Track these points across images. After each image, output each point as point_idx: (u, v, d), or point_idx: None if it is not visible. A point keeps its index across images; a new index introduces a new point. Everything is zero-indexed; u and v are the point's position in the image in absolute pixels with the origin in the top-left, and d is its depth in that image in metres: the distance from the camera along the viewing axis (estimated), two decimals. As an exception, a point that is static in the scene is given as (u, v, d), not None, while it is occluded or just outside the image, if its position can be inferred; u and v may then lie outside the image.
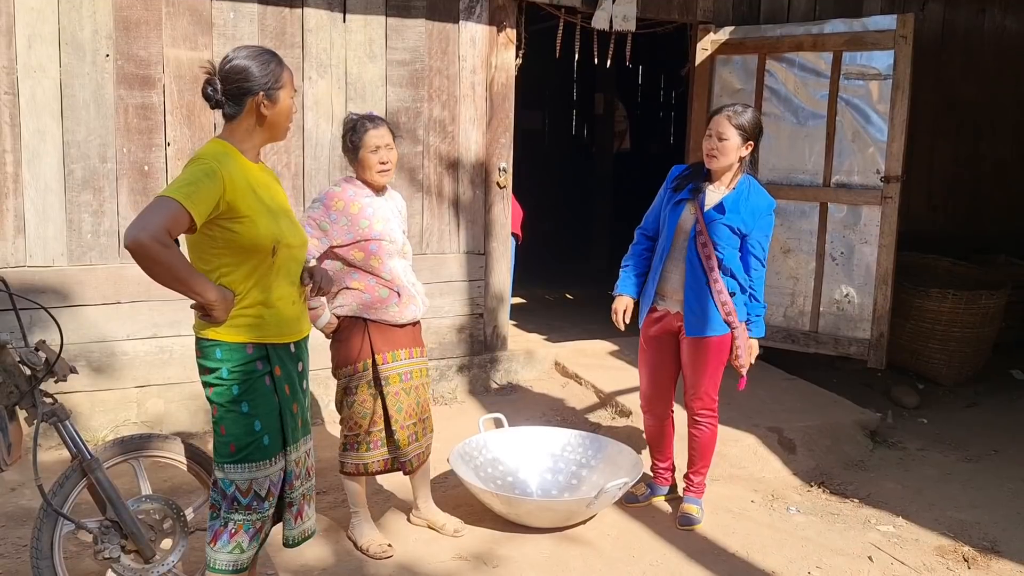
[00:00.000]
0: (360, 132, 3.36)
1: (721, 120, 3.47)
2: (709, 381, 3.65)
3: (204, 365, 2.51)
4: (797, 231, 5.59)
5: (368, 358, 3.39)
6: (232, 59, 2.45)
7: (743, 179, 3.57)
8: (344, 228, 3.30)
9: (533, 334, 6.62)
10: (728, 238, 3.50)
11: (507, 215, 5.41)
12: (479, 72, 5.21)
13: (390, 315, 3.39)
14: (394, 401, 3.41)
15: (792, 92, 5.56)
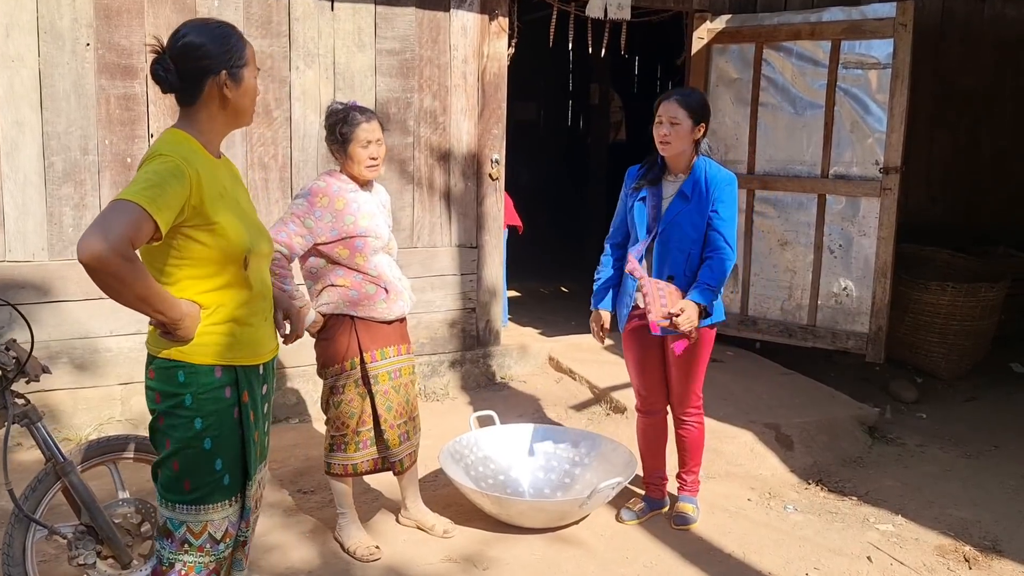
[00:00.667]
0: (352, 125, 3.25)
1: (671, 104, 3.35)
2: (691, 379, 3.55)
3: (160, 391, 2.11)
4: (795, 223, 5.50)
5: (356, 356, 3.30)
6: (185, 34, 2.09)
7: (698, 162, 3.43)
8: (328, 225, 3.20)
9: (527, 328, 6.53)
10: (695, 225, 3.37)
11: (500, 208, 5.31)
12: (471, 62, 5.11)
13: (378, 311, 3.30)
14: (384, 400, 3.32)
15: (790, 81, 5.46)
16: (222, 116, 2.16)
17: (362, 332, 3.30)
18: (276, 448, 4.40)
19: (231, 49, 2.12)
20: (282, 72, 4.62)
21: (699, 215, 3.36)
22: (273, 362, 2.32)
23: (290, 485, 4.02)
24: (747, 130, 5.60)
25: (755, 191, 5.60)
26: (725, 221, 3.36)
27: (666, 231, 3.39)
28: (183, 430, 2.09)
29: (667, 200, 3.43)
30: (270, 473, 4.14)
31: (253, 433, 2.20)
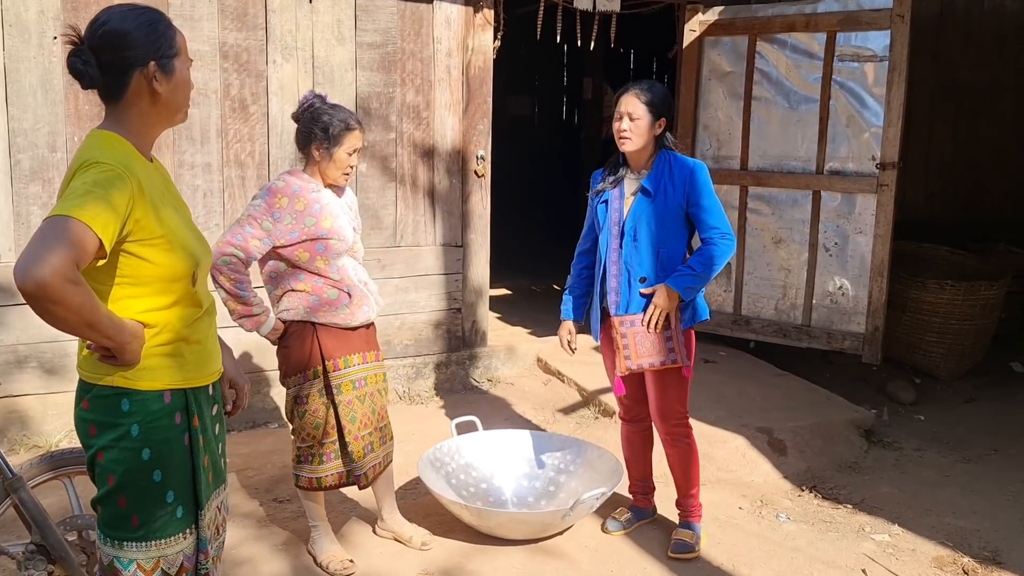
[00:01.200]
0: (348, 128, 3.10)
1: (629, 99, 3.19)
2: (674, 392, 3.33)
3: (98, 422, 1.89)
4: (789, 220, 5.36)
5: (318, 364, 3.16)
6: (105, 22, 1.86)
7: (660, 156, 3.27)
8: (288, 227, 3.04)
9: (517, 327, 6.39)
10: (664, 222, 3.20)
11: (485, 205, 5.17)
12: (455, 55, 4.96)
13: (340, 318, 3.15)
14: (347, 411, 3.17)
15: (784, 75, 5.31)
16: (153, 113, 1.93)
17: (324, 339, 3.15)
18: (252, 455, 4.27)
19: (160, 37, 1.89)
20: (258, 66, 4.47)
21: (666, 210, 3.20)
22: (220, 380, 2.14)
23: (265, 494, 3.89)
24: (740, 125, 5.46)
25: (748, 187, 5.46)
26: (705, 208, 3.20)
27: (631, 231, 3.23)
28: (129, 463, 1.89)
29: (630, 199, 3.27)
30: (243, 481, 4.01)
31: (203, 458, 2.01)
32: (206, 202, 4.45)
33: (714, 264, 3.16)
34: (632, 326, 3.23)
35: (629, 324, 3.23)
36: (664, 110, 3.22)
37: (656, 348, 3.20)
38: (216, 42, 4.36)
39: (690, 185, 3.19)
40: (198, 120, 4.37)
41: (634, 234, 3.22)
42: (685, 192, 3.18)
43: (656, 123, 3.19)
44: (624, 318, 3.24)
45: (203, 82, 4.36)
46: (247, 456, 4.25)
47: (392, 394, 5.02)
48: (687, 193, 3.19)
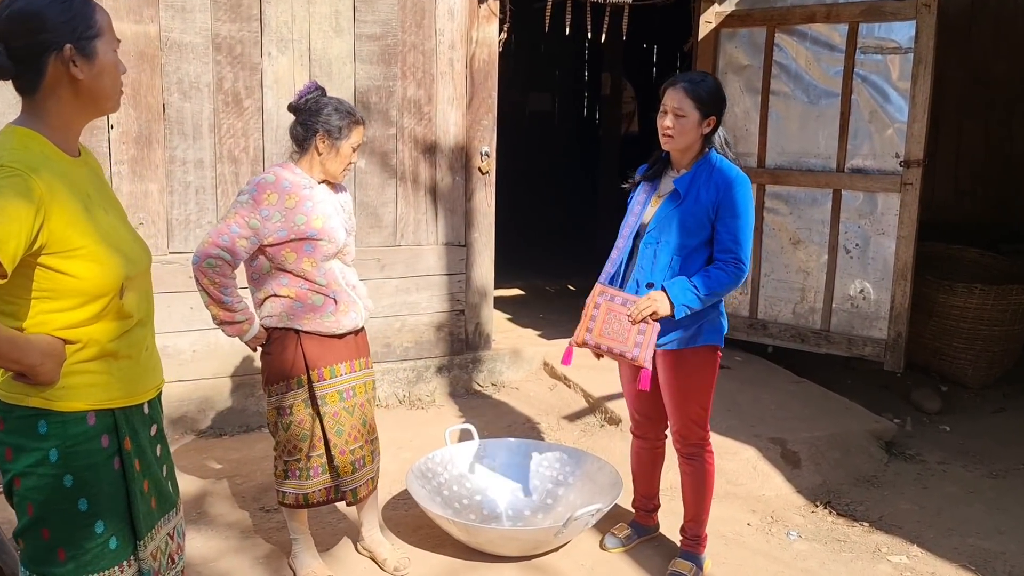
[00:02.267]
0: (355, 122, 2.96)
1: (676, 93, 2.92)
2: (695, 406, 3.09)
3: (14, 445, 1.72)
4: (808, 220, 5.12)
5: (302, 373, 2.99)
6: (12, 3, 1.68)
7: (704, 158, 3.00)
8: (277, 224, 2.88)
9: (527, 329, 6.21)
10: (687, 230, 2.93)
11: (490, 203, 4.99)
12: (458, 47, 4.78)
13: (325, 325, 2.98)
14: (333, 423, 3.00)
15: (804, 68, 5.08)
16: (75, 104, 1.74)
17: (308, 347, 2.98)
18: (243, 461, 4.13)
19: (76, 16, 1.70)
20: (253, 59, 4.33)
21: (692, 217, 2.92)
22: (160, 397, 1.98)
23: (252, 503, 3.74)
24: (757, 120, 5.23)
25: (766, 186, 5.23)
26: (732, 227, 2.88)
27: (651, 234, 2.99)
28: (50, 491, 1.72)
29: (660, 198, 3.04)
30: (232, 488, 3.86)
31: (140, 484, 1.84)
32: (198, 199, 4.31)
33: (718, 292, 2.90)
34: (611, 301, 2.96)
35: (609, 298, 2.97)
36: (714, 108, 2.93)
37: (622, 335, 2.92)
38: (209, 34, 4.22)
39: (724, 195, 2.88)
40: (190, 114, 4.24)
41: (652, 238, 2.97)
42: (717, 201, 2.89)
43: (704, 122, 2.91)
44: (609, 289, 2.99)
45: (195, 75, 4.22)
46: (236, 462, 4.11)
47: (392, 398, 4.87)
48: (718, 203, 2.89)
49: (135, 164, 4.17)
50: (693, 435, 3.14)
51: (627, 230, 3.07)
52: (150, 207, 4.23)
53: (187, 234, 4.31)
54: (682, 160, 3.01)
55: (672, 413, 3.13)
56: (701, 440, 3.17)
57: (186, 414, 4.39)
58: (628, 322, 2.91)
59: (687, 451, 3.18)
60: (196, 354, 4.38)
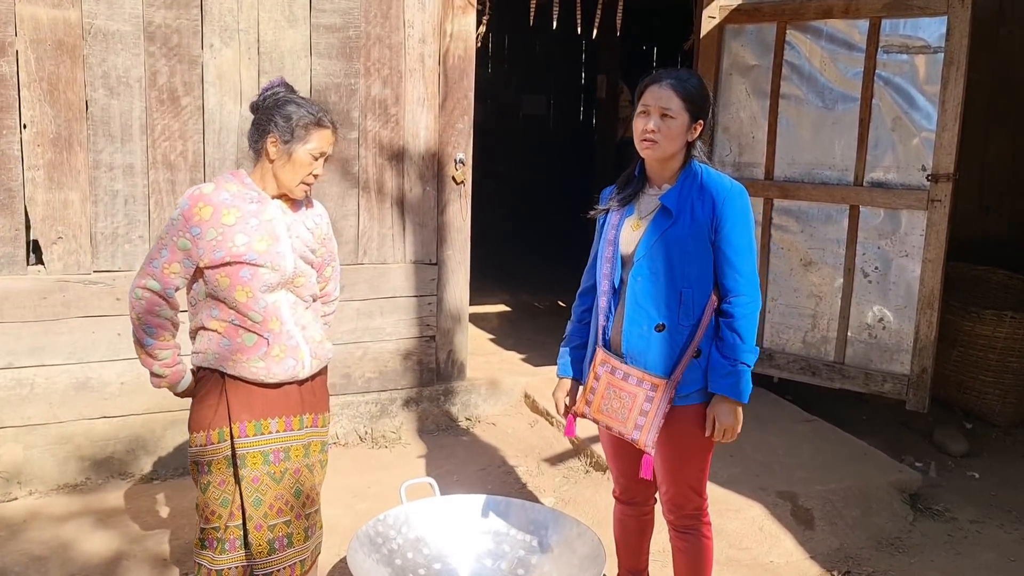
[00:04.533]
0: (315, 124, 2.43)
1: (663, 91, 2.42)
2: (692, 470, 2.58)
3: None
4: (821, 239, 4.58)
5: (224, 425, 2.46)
6: None
7: (688, 169, 2.50)
8: (212, 243, 2.38)
9: (511, 352, 5.68)
10: (689, 255, 2.43)
11: (465, 217, 4.45)
12: (430, 42, 4.24)
13: (251, 370, 2.45)
14: (251, 490, 2.46)
15: (818, 69, 4.54)
16: None
17: (232, 395, 2.46)
18: (174, 512, 3.60)
19: None
20: (192, 51, 3.78)
21: (691, 238, 2.42)
22: None
23: (175, 567, 3.20)
24: (765, 127, 4.69)
25: (774, 200, 4.69)
26: (737, 249, 2.43)
27: (644, 264, 2.45)
28: None
29: (643, 221, 2.51)
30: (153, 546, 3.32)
31: None
32: (127, 210, 3.77)
33: (753, 330, 2.43)
34: (612, 374, 2.49)
35: (610, 370, 2.50)
36: (704, 110, 2.46)
37: (621, 414, 2.47)
38: (140, 21, 3.68)
39: (722, 214, 2.42)
40: (118, 113, 3.70)
41: (647, 269, 2.45)
42: (714, 217, 2.43)
43: (692, 126, 2.45)
44: (610, 359, 2.50)
45: (124, 68, 3.68)
46: (166, 515, 3.57)
47: (352, 435, 4.32)
48: (716, 223, 2.43)
49: (52, 170, 3.63)
50: (689, 504, 2.61)
51: (608, 266, 2.53)
52: (70, 219, 3.68)
53: (114, 250, 3.77)
54: (663, 173, 2.50)
55: (664, 478, 2.60)
56: (697, 510, 2.64)
57: (112, 455, 3.84)
58: (630, 401, 2.44)
59: (681, 523, 2.65)
60: (124, 387, 3.83)
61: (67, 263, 3.69)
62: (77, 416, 3.77)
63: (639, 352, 2.46)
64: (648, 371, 2.44)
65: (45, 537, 3.34)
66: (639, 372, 2.44)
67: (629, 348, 2.47)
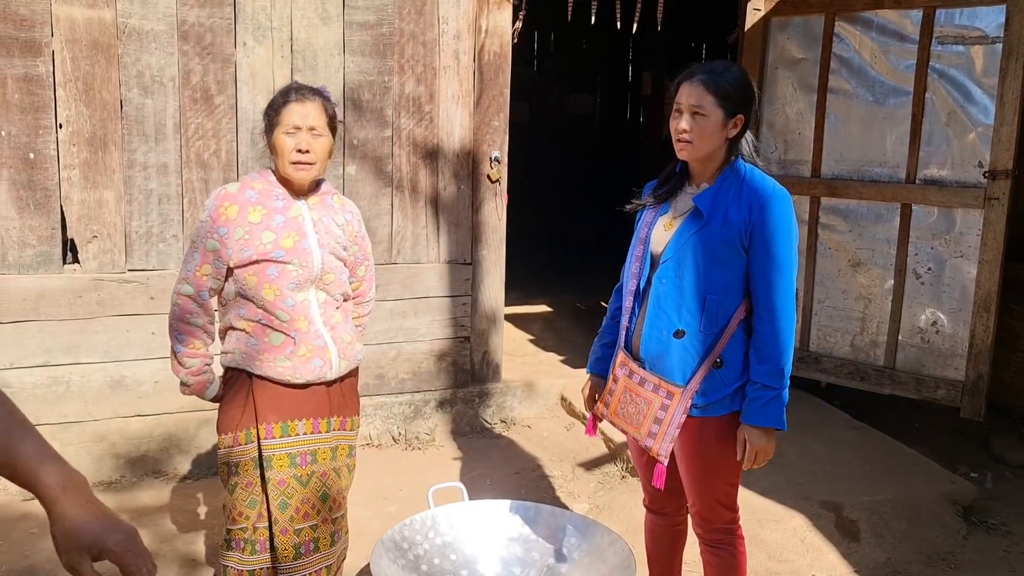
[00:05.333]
0: (277, 105, 2.42)
1: (694, 88, 2.28)
2: (721, 483, 2.44)
3: None
4: (870, 239, 4.40)
5: (252, 426, 2.43)
6: None
7: (731, 168, 2.34)
8: (240, 242, 2.37)
9: (550, 353, 5.60)
10: (717, 260, 2.28)
11: (501, 216, 4.37)
12: (465, 38, 4.17)
13: (278, 370, 2.41)
14: (277, 493, 2.42)
15: (868, 62, 4.36)
16: None
17: (259, 396, 2.42)
18: (208, 511, 3.58)
19: None
20: (225, 49, 3.77)
21: (722, 242, 2.27)
22: None
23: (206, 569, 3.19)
24: (812, 123, 4.53)
25: (821, 199, 4.52)
26: (772, 259, 2.24)
27: (667, 265, 2.33)
28: None
29: (678, 220, 2.38)
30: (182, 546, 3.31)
31: None
32: (161, 209, 3.77)
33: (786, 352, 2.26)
34: (630, 378, 2.40)
35: (628, 373, 2.40)
36: (742, 104, 2.29)
37: (636, 420, 2.37)
38: (174, 20, 3.68)
39: (760, 220, 2.24)
40: (152, 112, 3.70)
41: (672, 271, 2.31)
42: (750, 226, 2.25)
43: (730, 123, 2.28)
44: (629, 362, 2.40)
45: (158, 68, 3.69)
46: (198, 514, 3.56)
47: (385, 436, 4.28)
48: (752, 229, 2.25)
49: (88, 169, 3.64)
50: (719, 519, 2.49)
51: (636, 265, 2.42)
52: (105, 218, 3.70)
53: (148, 249, 3.77)
54: (703, 172, 2.35)
55: (691, 491, 2.48)
56: (729, 524, 2.51)
57: (147, 454, 3.85)
58: (645, 407, 2.34)
59: (711, 538, 2.53)
60: (158, 385, 3.84)
61: (102, 262, 3.71)
62: (112, 414, 3.79)
63: (657, 357, 2.35)
64: (664, 378, 2.33)
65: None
66: (655, 378, 2.34)
67: (647, 352, 2.36)
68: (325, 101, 2.46)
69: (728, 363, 2.31)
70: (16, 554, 3.20)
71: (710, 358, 2.30)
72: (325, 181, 2.56)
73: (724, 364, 2.31)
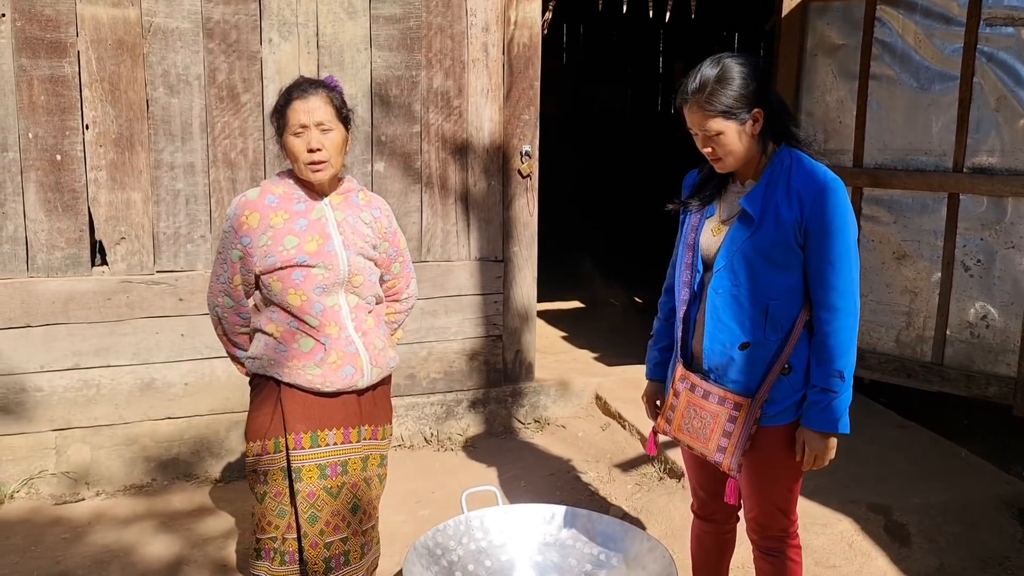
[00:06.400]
0: (281, 106, 2.35)
1: (692, 113, 2.12)
2: (781, 490, 2.33)
3: None
4: (916, 230, 4.25)
5: (280, 435, 2.36)
6: None
7: (777, 158, 2.20)
8: (264, 248, 2.31)
9: (583, 350, 5.50)
10: (775, 263, 2.15)
11: (532, 211, 4.28)
12: (493, 30, 4.08)
13: (307, 378, 2.34)
14: (306, 506, 2.35)
15: (912, 46, 4.20)
16: None
17: (288, 404, 2.35)
18: (236, 515, 3.54)
19: None
20: (251, 46, 3.72)
21: (777, 245, 2.13)
22: None
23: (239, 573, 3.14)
24: (853, 110, 4.37)
25: (863, 189, 4.37)
26: (829, 255, 2.11)
27: (724, 275, 2.19)
28: None
29: (727, 224, 2.24)
30: (212, 552, 3.26)
31: None
32: (189, 210, 3.73)
33: (851, 352, 2.12)
34: (692, 392, 2.27)
35: (689, 387, 2.28)
36: (751, 101, 2.11)
37: (703, 434, 2.25)
38: (199, 17, 3.63)
39: (813, 215, 2.10)
40: (178, 111, 3.66)
41: (728, 279, 2.18)
42: (803, 221, 2.11)
43: (747, 123, 2.12)
44: (690, 375, 2.28)
45: (183, 66, 3.64)
46: (228, 518, 3.51)
47: (417, 437, 4.21)
48: (806, 226, 2.11)
49: (115, 170, 3.61)
50: (776, 525, 2.38)
51: (687, 273, 2.30)
52: (133, 219, 3.66)
53: (176, 250, 3.73)
54: (746, 170, 2.23)
55: (749, 497, 2.37)
56: (785, 531, 2.40)
57: (177, 456, 3.82)
58: (711, 420, 2.22)
59: (766, 545, 2.42)
60: (188, 388, 3.80)
61: (130, 263, 3.67)
62: (142, 417, 3.75)
63: (721, 368, 2.22)
64: (730, 390, 2.21)
65: (108, 540, 3.32)
66: (720, 390, 2.22)
67: (710, 364, 2.24)
68: (329, 92, 2.36)
69: (796, 368, 2.19)
70: (47, 559, 3.17)
71: (778, 365, 2.18)
72: (348, 177, 2.48)
73: (793, 370, 2.19)
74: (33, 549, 3.24)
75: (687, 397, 2.29)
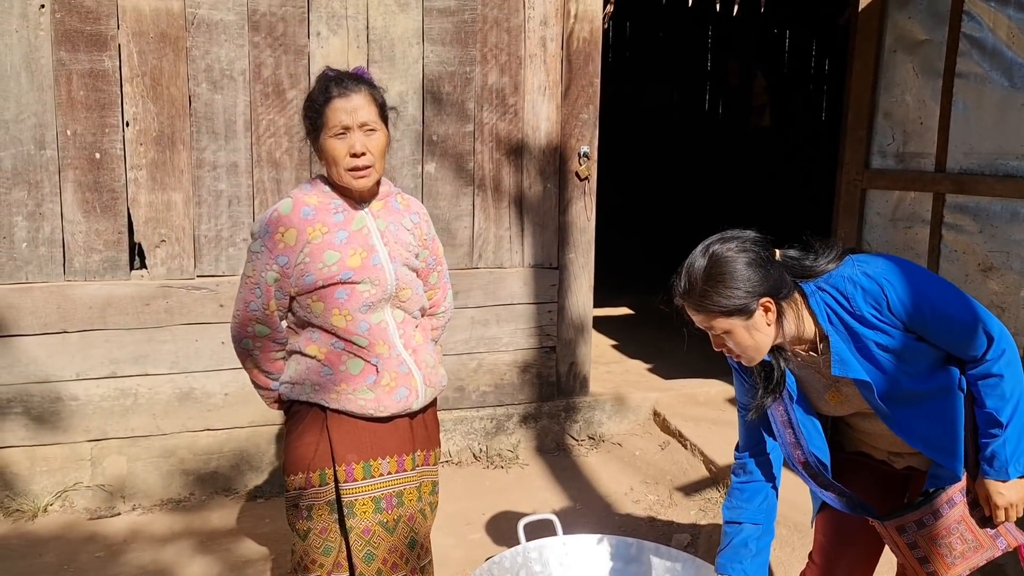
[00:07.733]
0: (318, 103, 2.08)
1: (692, 312, 1.84)
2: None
3: None
4: (1004, 241, 3.94)
5: (327, 467, 2.14)
6: None
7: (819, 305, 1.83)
8: (302, 268, 2.08)
9: (635, 360, 5.25)
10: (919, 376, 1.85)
11: (589, 216, 4.04)
12: (552, 24, 3.85)
13: (359, 403, 2.12)
14: (361, 543, 2.13)
15: (1004, 42, 3.88)
16: None
17: (336, 432, 2.13)
18: (275, 535, 3.35)
19: None
20: (298, 40, 3.53)
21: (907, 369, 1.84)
22: None
23: (272, 602, 2.96)
24: (936, 111, 4.07)
25: (945, 196, 4.06)
26: (955, 324, 1.81)
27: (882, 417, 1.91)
28: None
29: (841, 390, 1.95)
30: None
31: None
32: (231, 211, 3.55)
33: (1002, 399, 1.84)
34: (922, 528, 1.95)
35: (916, 527, 1.96)
36: (758, 290, 1.78)
37: (973, 544, 1.95)
38: (244, 10, 3.45)
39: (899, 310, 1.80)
40: (221, 108, 3.48)
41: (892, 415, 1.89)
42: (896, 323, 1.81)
43: (756, 316, 1.79)
44: (905, 520, 1.96)
45: (227, 61, 3.46)
46: (268, 537, 3.33)
47: (466, 452, 4.00)
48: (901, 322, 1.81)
49: (155, 169, 3.44)
50: None
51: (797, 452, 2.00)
52: (173, 221, 3.49)
53: (218, 254, 3.56)
54: (797, 345, 1.91)
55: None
56: None
57: (216, 470, 3.65)
58: (963, 523, 1.94)
59: None
60: (229, 398, 3.63)
61: (170, 267, 3.51)
62: (180, 428, 3.59)
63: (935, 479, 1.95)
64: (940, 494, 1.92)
65: (144, 561, 3.15)
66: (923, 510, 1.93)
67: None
68: (371, 89, 2.11)
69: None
70: (81, 580, 3.02)
71: (968, 428, 1.91)
72: (385, 179, 2.22)
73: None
74: (66, 569, 3.08)
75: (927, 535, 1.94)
